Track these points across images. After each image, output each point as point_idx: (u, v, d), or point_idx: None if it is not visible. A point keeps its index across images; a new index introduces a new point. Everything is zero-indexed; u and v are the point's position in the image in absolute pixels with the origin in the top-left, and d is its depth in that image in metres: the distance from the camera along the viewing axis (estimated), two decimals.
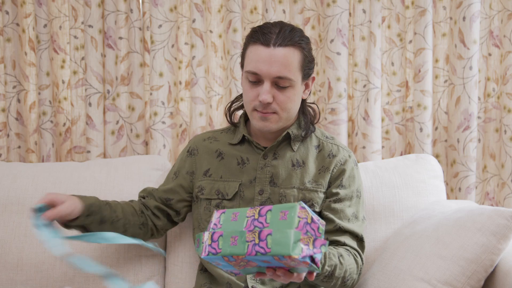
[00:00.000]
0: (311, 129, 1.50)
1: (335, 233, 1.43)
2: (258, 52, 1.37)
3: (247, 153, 1.49)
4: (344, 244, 1.42)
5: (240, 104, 1.54)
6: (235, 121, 1.56)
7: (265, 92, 1.37)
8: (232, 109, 1.54)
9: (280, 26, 1.39)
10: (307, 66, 1.42)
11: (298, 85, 1.41)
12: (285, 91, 1.39)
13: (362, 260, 1.45)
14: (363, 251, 1.47)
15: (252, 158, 1.48)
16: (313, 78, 1.48)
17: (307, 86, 1.47)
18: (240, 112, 1.57)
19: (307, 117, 1.50)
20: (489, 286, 1.35)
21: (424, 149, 2.01)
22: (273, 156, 1.48)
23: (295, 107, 1.43)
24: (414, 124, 2.02)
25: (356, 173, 1.51)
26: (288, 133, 1.47)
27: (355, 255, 1.42)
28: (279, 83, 1.37)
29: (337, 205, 1.44)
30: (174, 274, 1.67)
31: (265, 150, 1.47)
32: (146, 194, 1.56)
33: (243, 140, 1.51)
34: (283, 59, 1.35)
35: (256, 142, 1.49)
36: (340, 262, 1.34)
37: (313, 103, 1.56)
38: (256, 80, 1.39)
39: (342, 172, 1.47)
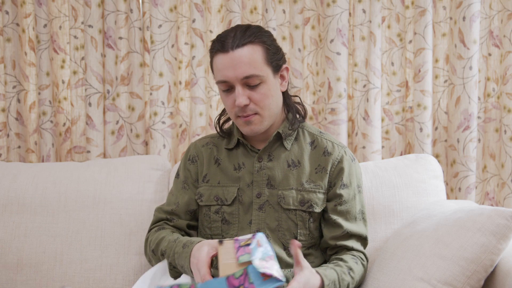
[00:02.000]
0: (298, 119, 1.49)
1: (342, 238, 1.46)
2: (220, 60, 1.38)
3: (243, 157, 1.49)
4: (352, 249, 1.46)
5: (228, 116, 1.53)
6: (226, 128, 1.56)
7: (239, 95, 1.37)
8: (221, 122, 1.54)
9: (235, 29, 1.40)
10: (274, 58, 1.40)
11: (270, 79, 1.40)
12: (258, 89, 1.38)
13: (366, 258, 1.49)
14: (365, 247, 1.51)
15: (248, 162, 1.48)
16: (287, 68, 1.46)
17: (282, 78, 1.45)
18: (231, 122, 1.56)
19: (293, 109, 1.49)
20: (489, 286, 1.35)
21: (424, 149, 2.01)
22: (268, 158, 1.47)
23: (275, 102, 1.42)
24: (414, 124, 2.02)
25: (354, 168, 1.50)
26: (278, 132, 1.47)
27: (362, 258, 1.46)
28: (250, 83, 1.37)
29: (343, 207, 1.46)
30: None
31: (259, 153, 1.47)
32: (167, 216, 1.52)
33: (238, 144, 1.51)
34: (245, 58, 1.35)
35: (251, 145, 1.49)
36: (351, 277, 1.39)
37: (295, 96, 1.54)
38: (228, 87, 1.40)
39: (340, 170, 1.47)
